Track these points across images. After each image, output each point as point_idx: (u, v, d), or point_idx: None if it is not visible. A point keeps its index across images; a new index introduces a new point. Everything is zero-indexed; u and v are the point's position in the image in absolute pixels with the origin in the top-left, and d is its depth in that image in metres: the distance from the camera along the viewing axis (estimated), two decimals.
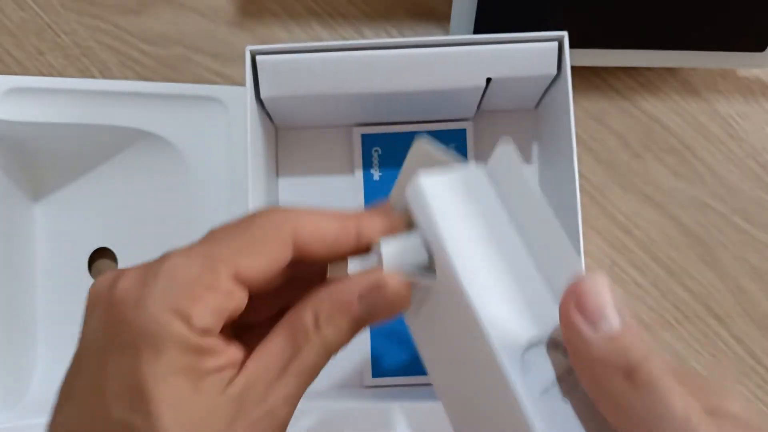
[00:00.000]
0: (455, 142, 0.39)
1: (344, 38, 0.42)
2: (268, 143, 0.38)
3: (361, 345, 0.39)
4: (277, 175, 0.40)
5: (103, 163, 0.40)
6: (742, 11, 0.37)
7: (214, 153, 0.39)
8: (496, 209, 0.22)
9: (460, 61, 0.34)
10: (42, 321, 0.40)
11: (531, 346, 0.20)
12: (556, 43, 0.34)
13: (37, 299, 0.40)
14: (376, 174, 0.39)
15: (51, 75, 0.42)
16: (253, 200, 0.33)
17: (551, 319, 0.20)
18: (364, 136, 0.39)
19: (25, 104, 0.37)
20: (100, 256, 0.41)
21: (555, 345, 0.20)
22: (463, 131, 0.39)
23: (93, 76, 0.42)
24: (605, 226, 0.41)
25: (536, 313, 0.20)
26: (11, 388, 0.38)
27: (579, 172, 0.33)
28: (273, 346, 0.21)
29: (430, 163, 0.25)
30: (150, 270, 0.20)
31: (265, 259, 0.21)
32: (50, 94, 0.37)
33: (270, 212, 0.22)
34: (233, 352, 0.21)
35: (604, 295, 0.19)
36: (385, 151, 0.39)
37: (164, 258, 0.20)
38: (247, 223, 0.22)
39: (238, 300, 0.21)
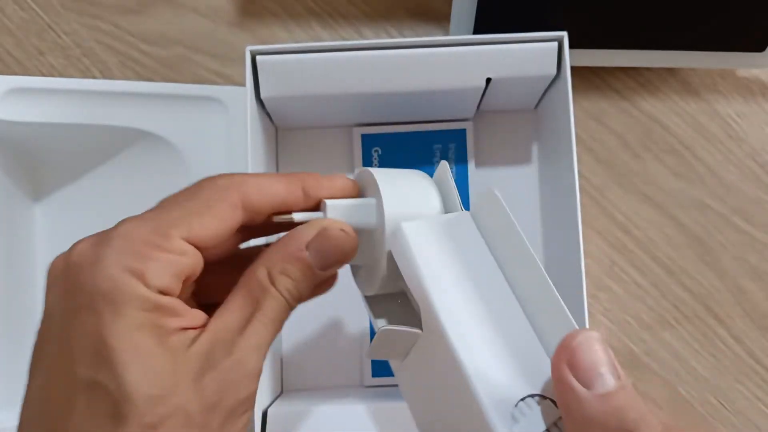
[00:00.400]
0: (455, 142, 0.39)
1: (344, 38, 0.42)
2: (268, 143, 0.38)
3: (361, 345, 0.39)
4: None
5: (103, 163, 0.40)
6: (741, 11, 0.37)
7: (214, 153, 0.39)
8: (483, 256, 0.22)
9: (460, 61, 0.34)
10: None
11: (520, 400, 0.19)
12: (555, 44, 0.34)
13: (37, 299, 0.40)
14: None
15: (51, 75, 0.42)
16: None
17: (541, 372, 0.20)
18: (364, 137, 0.39)
19: (25, 104, 0.37)
20: None
21: (545, 396, 0.20)
22: (462, 131, 0.39)
23: (93, 77, 0.42)
24: (605, 226, 0.41)
25: (526, 365, 0.20)
26: (11, 387, 0.38)
27: (579, 172, 0.33)
28: (233, 305, 0.22)
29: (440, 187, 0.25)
30: (104, 235, 0.21)
31: (216, 221, 0.22)
32: (51, 94, 0.37)
33: (217, 177, 0.23)
34: (197, 314, 0.21)
35: (598, 352, 0.18)
36: (385, 151, 0.39)
37: (118, 224, 0.21)
38: (196, 189, 0.22)
39: (192, 261, 0.21)
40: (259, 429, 0.32)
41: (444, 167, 0.25)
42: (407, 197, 0.24)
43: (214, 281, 0.23)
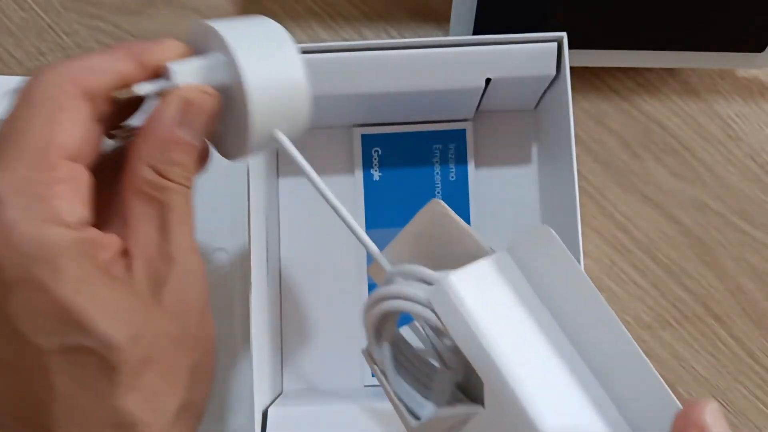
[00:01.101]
0: (455, 142, 0.39)
1: (344, 39, 0.42)
2: None
3: (360, 344, 0.39)
4: (278, 175, 0.40)
5: None
6: (741, 12, 0.37)
7: (214, 152, 0.39)
8: (535, 304, 0.19)
9: (460, 62, 0.34)
10: None
11: None
12: (555, 44, 0.34)
13: None
14: (376, 174, 0.39)
15: None
16: (254, 200, 0.33)
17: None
18: (364, 137, 0.39)
19: None
20: None
21: None
22: (462, 131, 0.39)
23: None
24: (604, 226, 0.41)
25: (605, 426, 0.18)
26: None
27: (578, 172, 0.33)
28: (139, 216, 0.20)
29: (443, 226, 0.22)
30: None
31: (74, 124, 0.20)
32: None
33: (44, 74, 0.20)
34: (113, 238, 0.20)
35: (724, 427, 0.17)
36: (385, 151, 0.39)
37: None
38: (27, 97, 0.20)
39: (87, 178, 0.20)
40: (259, 429, 0.32)
41: (435, 205, 0.22)
42: (258, 44, 0.23)
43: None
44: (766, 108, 0.42)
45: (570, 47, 0.33)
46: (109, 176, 0.22)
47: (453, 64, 0.34)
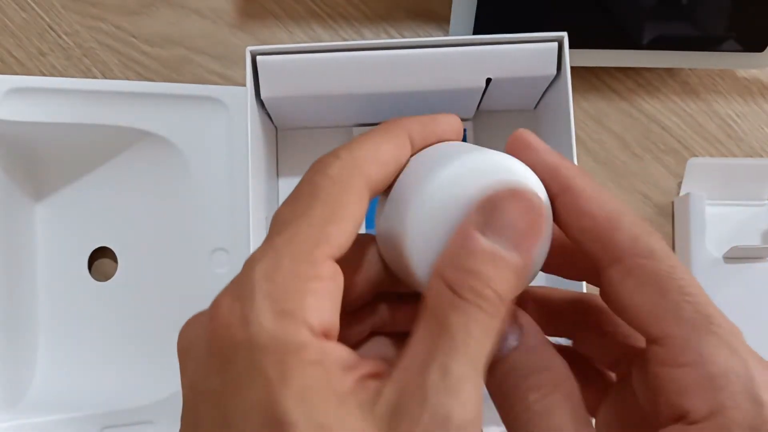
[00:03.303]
0: None
1: (344, 39, 0.42)
2: (269, 143, 0.38)
3: None
4: (278, 175, 0.40)
5: (104, 163, 0.40)
6: (740, 12, 0.37)
7: (214, 153, 0.39)
8: None
9: (460, 62, 0.34)
10: (42, 320, 0.40)
11: None
12: (555, 44, 0.34)
13: (37, 298, 0.40)
14: None
15: (52, 76, 0.42)
16: (254, 200, 0.33)
17: None
18: None
19: (26, 104, 0.37)
20: (101, 255, 0.41)
21: None
22: (463, 131, 0.39)
23: (94, 77, 0.42)
24: None
25: None
26: (12, 386, 0.38)
27: None
28: (413, 337, 0.16)
29: None
30: (242, 283, 0.17)
31: (351, 223, 0.17)
32: (51, 94, 0.37)
33: (326, 165, 0.18)
34: (356, 357, 0.17)
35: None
36: None
37: (249, 264, 0.17)
38: (310, 189, 0.18)
39: (342, 283, 0.17)
40: None
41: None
42: None
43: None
44: (766, 108, 0.42)
45: (570, 47, 0.34)
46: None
47: (453, 64, 0.34)
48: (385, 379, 0.16)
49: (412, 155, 0.19)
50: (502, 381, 0.18)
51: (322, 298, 0.16)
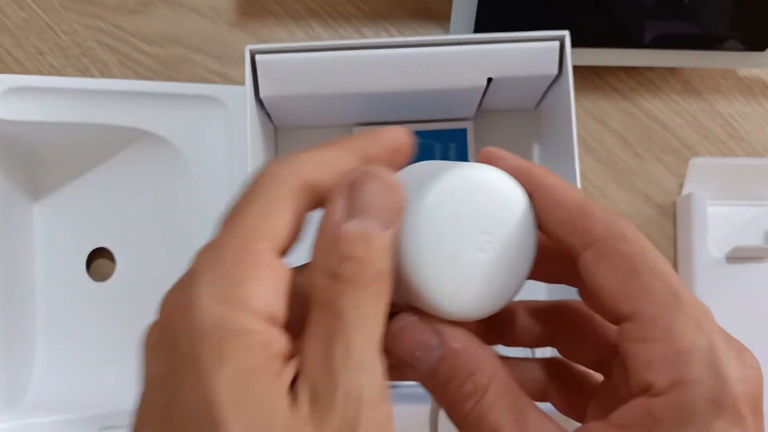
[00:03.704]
0: (456, 141, 0.39)
1: (344, 38, 0.42)
2: (268, 143, 0.38)
3: None
4: None
5: (102, 163, 0.40)
6: (742, 11, 0.37)
7: (213, 152, 0.39)
8: None
9: (461, 61, 0.33)
10: (41, 320, 0.40)
11: None
12: (557, 43, 0.33)
13: (35, 298, 0.40)
14: None
15: (51, 75, 0.42)
16: None
17: None
18: None
19: (24, 104, 0.37)
20: (99, 255, 0.41)
21: None
22: (463, 131, 0.39)
23: (93, 76, 0.42)
24: None
25: None
26: (10, 387, 0.38)
27: (580, 171, 0.33)
28: (310, 330, 0.17)
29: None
30: (187, 274, 0.17)
31: (288, 216, 0.18)
32: (50, 93, 0.37)
33: (269, 167, 0.19)
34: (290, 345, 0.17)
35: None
36: None
37: (195, 256, 0.18)
38: (251, 187, 0.19)
39: (287, 275, 0.18)
40: None
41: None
42: None
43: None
44: None
45: (571, 46, 0.33)
46: None
47: (454, 63, 0.34)
48: (299, 367, 0.17)
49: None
50: (441, 396, 0.19)
51: (265, 285, 0.17)
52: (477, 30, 0.38)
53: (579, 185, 0.33)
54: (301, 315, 0.18)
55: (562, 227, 0.19)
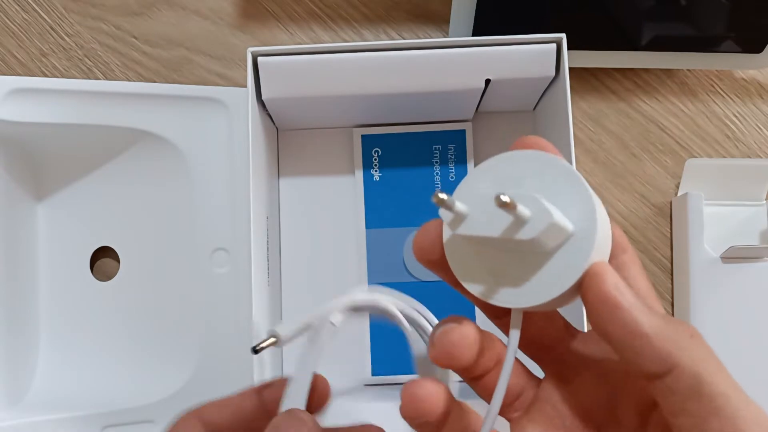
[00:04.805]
0: (454, 143, 0.39)
1: (344, 40, 0.43)
2: (269, 144, 0.38)
3: (360, 341, 0.39)
4: (278, 175, 0.40)
5: (105, 164, 0.40)
6: (739, 13, 0.38)
7: (215, 154, 0.39)
8: None
9: (460, 63, 0.34)
10: (44, 319, 0.40)
11: None
12: (554, 45, 0.34)
13: (39, 297, 0.40)
14: (376, 174, 0.40)
15: (54, 77, 0.42)
16: (254, 200, 0.33)
17: None
18: (364, 137, 0.40)
19: (28, 105, 0.37)
20: (103, 255, 0.41)
21: None
22: (462, 132, 0.39)
23: (96, 78, 0.42)
24: None
25: None
26: (13, 385, 0.38)
27: None
28: None
29: None
30: None
31: None
32: (53, 94, 0.38)
33: (179, 416, 0.24)
34: None
35: None
36: (384, 151, 0.40)
37: None
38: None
39: None
40: None
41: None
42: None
43: None
44: (764, 109, 0.42)
45: (568, 48, 0.34)
46: None
47: (453, 65, 0.34)
48: None
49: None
50: None
51: None
52: (475, 32, 0.38)
53: None
54: None
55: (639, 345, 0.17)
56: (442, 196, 0.18)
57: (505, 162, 0.19)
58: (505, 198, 0.17)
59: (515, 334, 0.19)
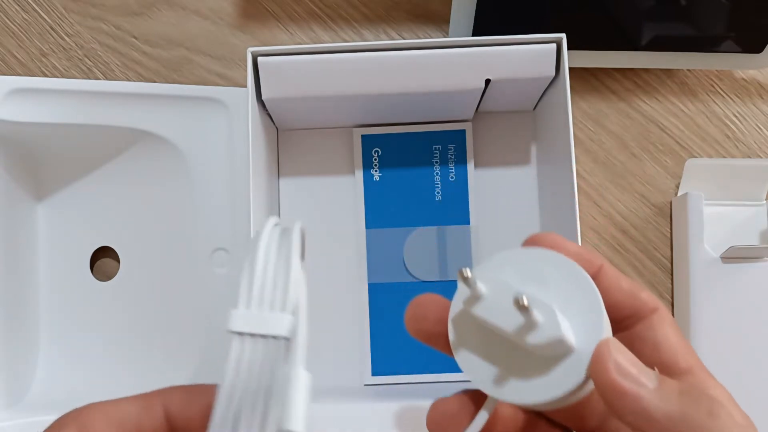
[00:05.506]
0: (454, 143, 0.39)
1: (344, 40, 0.43)
2: (269, 144, 0.38)
3: (360, 341, 0.39)
4: (278, 175, 0.40)
5: (105, 164, 0.40)
6: (739, 13, 0.38)
7: (215, 154, 0.39)
8: None
9: (460, 63, 0.34)
10: (44, 319, 0.40)
11: None
12: (554, 45, 0.34)
13: (39, 297, 0.40)
14: (376, 175, 0.40)
15: (54, 77, 0.42)
16: (254, 200, 0.33)
17: None
18: (364, 137, 0.40)
19: (28, 105, 0.37)
20: (103, 255, 0.41)
21: None
22: (462, 132, 0.39)
23: (96, 78, 0.42)
24: (602, 225, 0.41)
25: None
26: (13, 385, 0.38)
27: (577, 172, 0.34)
28: None
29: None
30: None
31: None
32: (53, 94, 0.38)
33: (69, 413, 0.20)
34: None
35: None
36: (384, 151, 0.40)
37: None
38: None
39: None
40: None
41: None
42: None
43: None
44: (765, 109, 0.42)
45: (568, 48, 0.34)
46: None
47: (453, 66, 0.34)
48: None
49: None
50: None
51: None
52: (475, 32, 0.38)
53: (576, 186, 0.33)
54: None
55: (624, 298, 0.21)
56: (467, 273, 0.19)
57: (533, 258, 0.20)
58: (524, 301, 0.18)
59: (483, 416, 0.20)
